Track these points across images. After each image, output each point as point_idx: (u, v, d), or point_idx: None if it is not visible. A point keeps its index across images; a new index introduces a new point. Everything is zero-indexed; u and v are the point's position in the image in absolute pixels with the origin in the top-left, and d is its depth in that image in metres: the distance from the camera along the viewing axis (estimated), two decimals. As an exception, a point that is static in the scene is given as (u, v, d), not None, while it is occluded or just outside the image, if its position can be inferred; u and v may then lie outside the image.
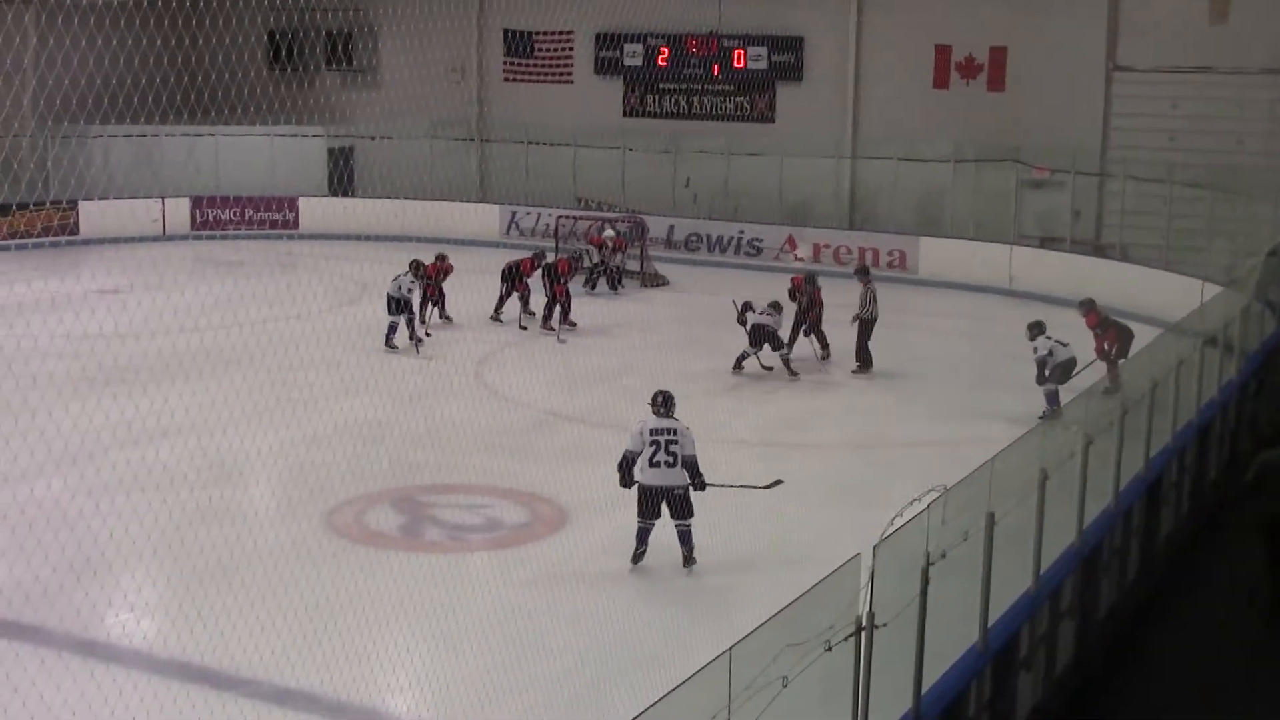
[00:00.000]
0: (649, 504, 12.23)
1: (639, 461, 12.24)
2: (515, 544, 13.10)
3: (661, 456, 12.16)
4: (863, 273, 20.73)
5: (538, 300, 22.87)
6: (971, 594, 8.79)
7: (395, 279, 21.01)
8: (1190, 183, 25.30)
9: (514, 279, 22.92)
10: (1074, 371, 18.36)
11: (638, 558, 12.26)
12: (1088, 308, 19.19)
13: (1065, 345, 17.99)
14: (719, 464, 15.40)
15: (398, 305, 20.84)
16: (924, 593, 7.74)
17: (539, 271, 23.00)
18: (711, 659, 6.09)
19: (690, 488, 12.25)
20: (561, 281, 22.47)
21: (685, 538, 12.30)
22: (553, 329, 22.22)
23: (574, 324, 22.62)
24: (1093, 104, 28.79)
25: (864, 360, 20.18)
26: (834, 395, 19.38)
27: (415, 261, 21.18)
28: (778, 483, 13.48)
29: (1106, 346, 18.70)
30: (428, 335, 21.51)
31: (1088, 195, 28.47)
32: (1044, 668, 10.24)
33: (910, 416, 18.16)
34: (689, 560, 12.30)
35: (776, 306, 19.98)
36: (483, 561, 12.64)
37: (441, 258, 22.56)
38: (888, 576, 7.17)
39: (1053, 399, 17.78)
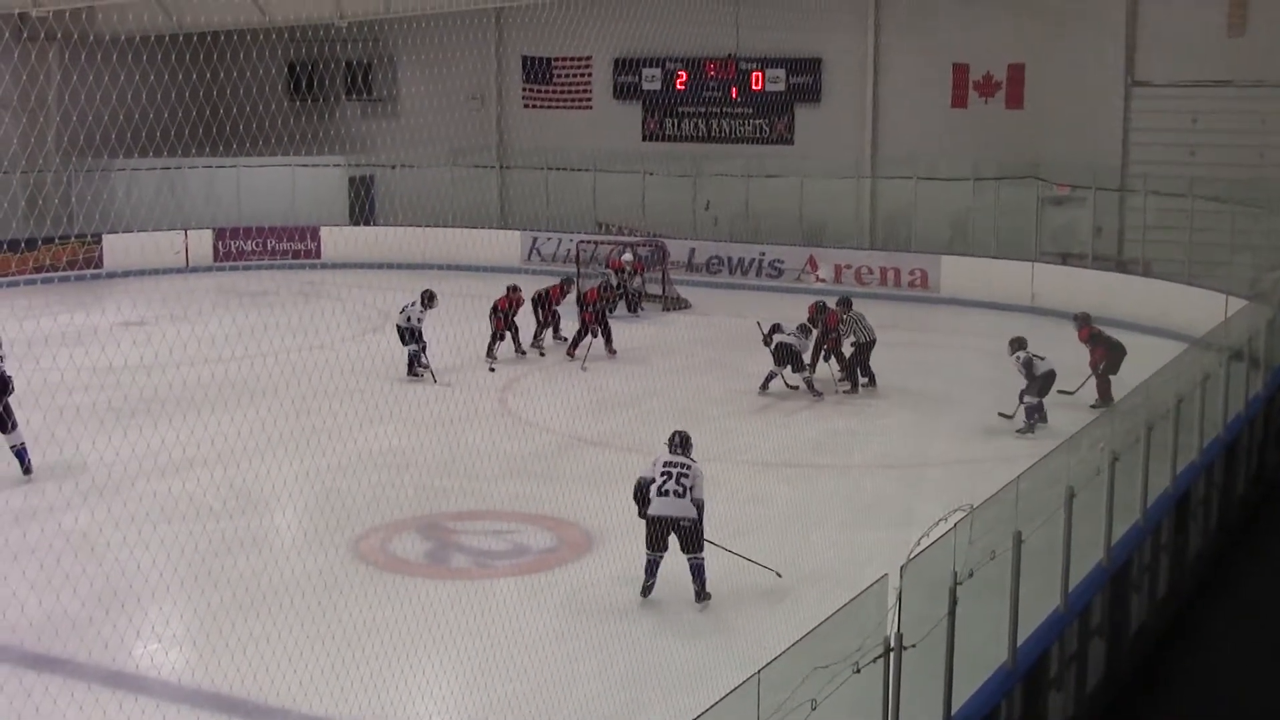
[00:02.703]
0: (657, 535, 11.94)
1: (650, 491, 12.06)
2: (541, 569, 13.09)
3: (671, 486, 11.93)
4: (844, 303, 20.68)
5: (569, 327, 22.88)
6: (1000, 613, 8.75)
7: (403, 310, 21.07)
8: (1212, 197, 25.21)
9: (544, 306, 22.93)
10: (1076, 389, 18.42)
11: (647, 590, 12.02)
12: (1081, 322, 19.52)
13: (1043, 359, 18.17)
14: (743, 486, 15.47)
15: (411, 335, 20.90)
16: (952, 613, 7.71)
17: (570, 298, 23.01)
18: (740, 683, 6.07)
19: (697, 521, 11.91)
20: (589, 309, 22.43)
21: (697, 572, 11.95)
22: (575, 356, 22.20)
23: (614, 352, 22.57)
24: (1112, 119, 28.74)
25: (854, 381, 20.16)
26: (858, 416, 19.33)
27: (427, 291, 21.18)
28: (778, 574, 12.44)
29: (1096, 361, 18.95)
30: (491, 370, 21.52)
31: (1109, 211, 28.39)
32: (1074, 687, 10.17)
33: (935, 436, 18.11)
34: (701, 596, 11.94)
35: (805, 330, 20.03)
36: (509, 587, 12.63)
37: (514, 289, 22.44)
38: (915, 597, 7.15)
39: (1031, 413, 17.96)
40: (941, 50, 30.36)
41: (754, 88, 32.73)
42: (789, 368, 19.77)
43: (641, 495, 12.06)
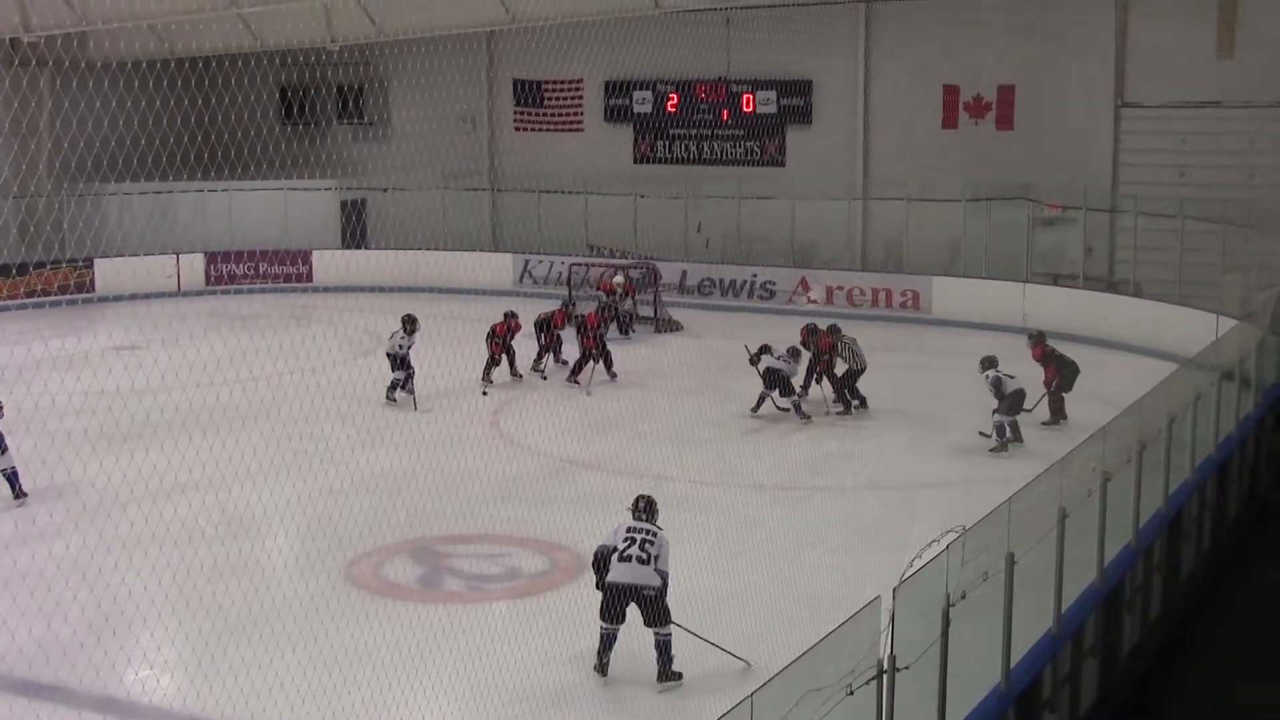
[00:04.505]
0: (614, 605, 10.80)
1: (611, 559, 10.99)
2: (534, 593, 13.06)
3: (634, 551, 10.80)
4: (832, 331, 20.72)
5: (571, 352, 22.81)
6: (993, 635, 8.76)
7: (391, 336, 20.95)
8: (1202, 217, 25.30)
9: (546, 331, 22.90)
10: (1033, 406, 18.72)
11: (602, 669, 10.90)
12: (1035, 341, 19.63)
13: (1013, 378, 18.34)
14: (737, 508, 15.45)
15: (399, 363, 20.76)
16: (945, 634, 7.71)
17: (571, 322, 22.95)
18: (733, 705, 6.07)
19: (663, 592, 10.82)
20: (590, 334, 22.31)
21: (663, 649, 10.79)
22: (578, 382, 22.07)
23: (615, 375, 22.44)
24: (1102, 140, 28.85)
25: (846, 403, 20.19)
26: (851, 437, 19.33)
27: (408, 316, 21.13)
28: (746, 664, 11.00)
29: (1050, 379, 19.19)
30: (484, 394, 21.39)
31: (1100, 231, 28.48)
32: (1068, 708, 10.17)
33: (927, 457, 18.11)
34: (667, 676, 10.78)
35: (794, 353, 20.03)
36: (502, 611, 12.60)
37: (511, 315, 22.33)
38: (908, 619, 7.15)
39: (1001, 430, 18.11)
40: (932, 72, 30.48)
41: (745, 110, 32.81)
42: (777, 391, 19.75)
43: (601, 564, 11.00)
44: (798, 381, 20.03)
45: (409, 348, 20.79)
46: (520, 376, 22.51)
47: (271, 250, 33.60)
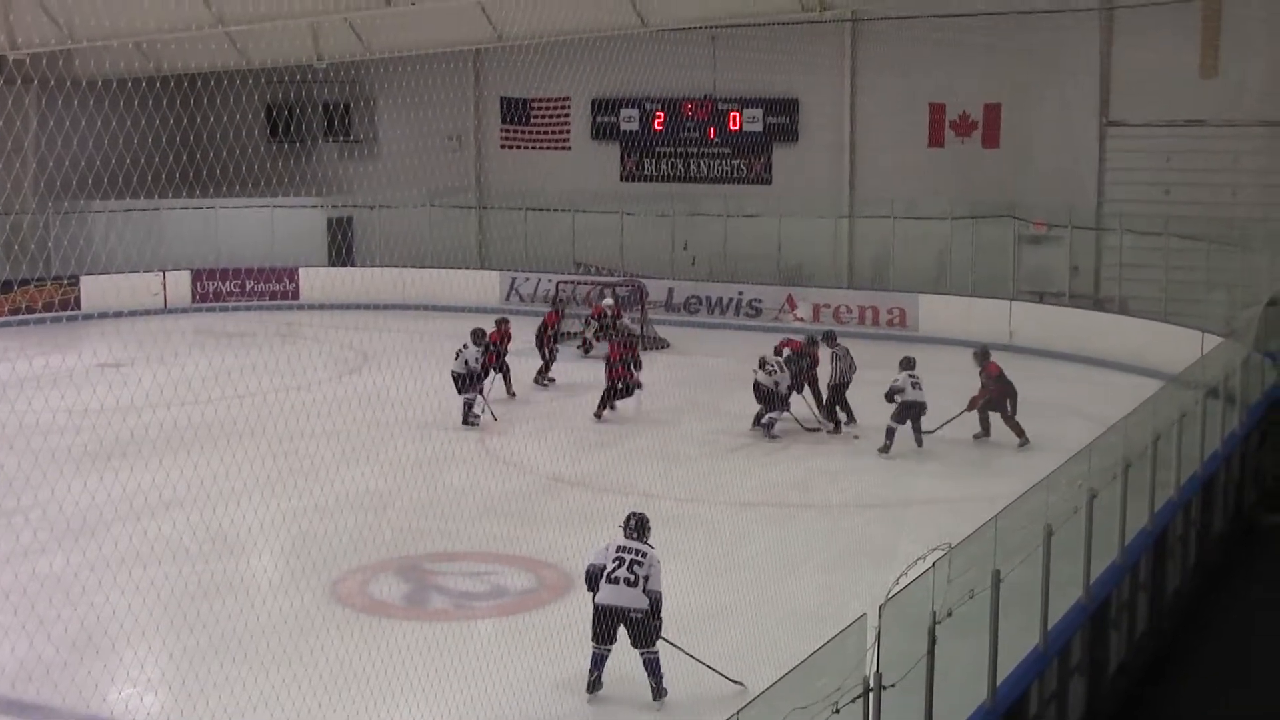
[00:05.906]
0: (604, 627, 10.83)
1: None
2: (521, 610, 13.04)
3: (622, 573, 10.76)
4: (829, 338, 20.73)
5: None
6: (979, 652, 8.74)
7: (458, 354, 20.52)
8: (1187, 235, 25.40)
9: (544, 342, 22.77)
10: (936, 428, 18.98)
11: (593, 686, 10.93)
12: (985, 357, 19.83)
13: (918, 389, 18.60)
14: (724, 526, 15.43)
15: (469, 380, 20.35)
16: (931, 652, 7.70)
17: (595, 352, 22.57)
18: (719, 724, 6.05)
19: (652, 613, 10.78)
20: (616, 366, 21.75)
21: (652, 668, 10.82)
22: (602, 418, 21.13)
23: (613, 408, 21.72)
24: (1087, 159, 28.96)
25: (836, 421, 20.22)
26: (837, 455, 19.34)
27: (477, 330, 20.84)
28: (740, 685, 10.90)
29: (1000, 398, 19.33)
30: (481, 414, 21.09)
31: (1085, 249, 28.58)
32: (1055, 726, 10.15)
33: (914, 475, 18.13)
34: (659, 693, 10.82)
35: (795, 358, 20.08)
36: (488, 629, 12.57)
37: (503, 322, 22.06)
38: (894, 636, 7.14)
39: (890, 434, 18.50)
40: (918, 90, 30.57)
41: (731, 128, 32.89)
42: (766, 405, 19.74)
43: (593, 581, 11.01)
44: (783, 390, 19.99)
45: (480, 362, 20.45)
46: (515, 395, 22.41)
47: (258, 268, 33.56)
